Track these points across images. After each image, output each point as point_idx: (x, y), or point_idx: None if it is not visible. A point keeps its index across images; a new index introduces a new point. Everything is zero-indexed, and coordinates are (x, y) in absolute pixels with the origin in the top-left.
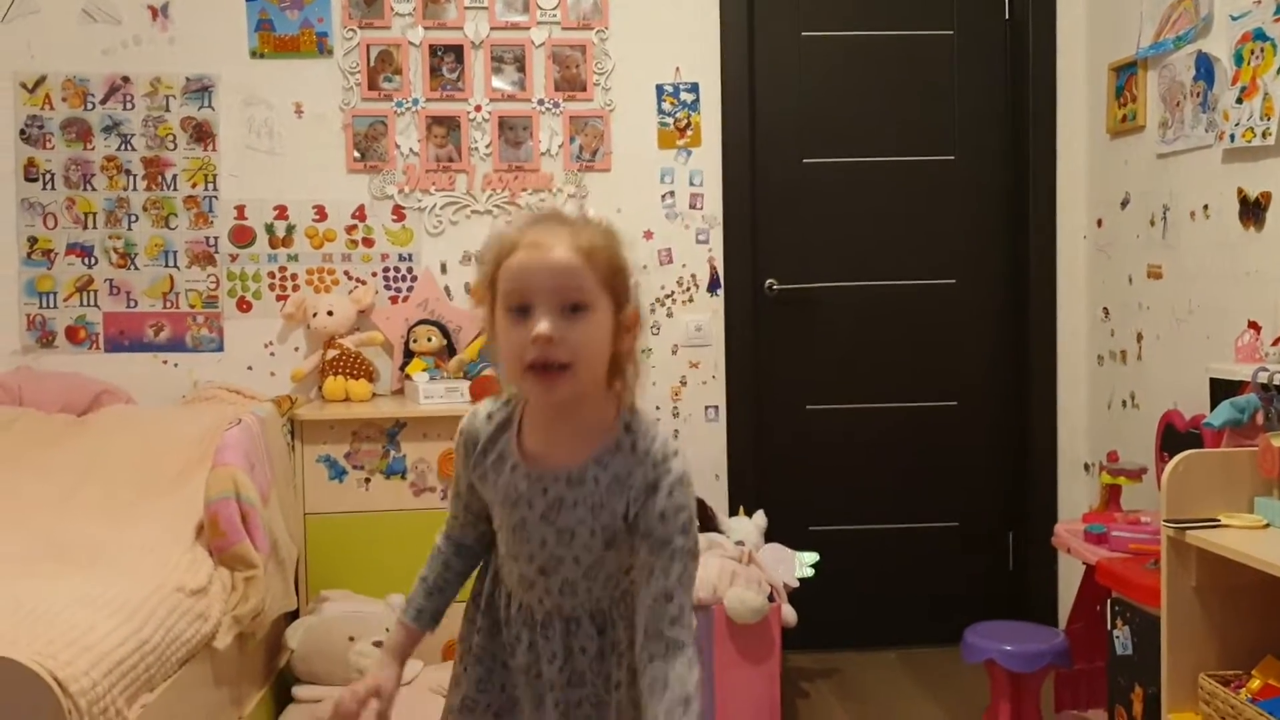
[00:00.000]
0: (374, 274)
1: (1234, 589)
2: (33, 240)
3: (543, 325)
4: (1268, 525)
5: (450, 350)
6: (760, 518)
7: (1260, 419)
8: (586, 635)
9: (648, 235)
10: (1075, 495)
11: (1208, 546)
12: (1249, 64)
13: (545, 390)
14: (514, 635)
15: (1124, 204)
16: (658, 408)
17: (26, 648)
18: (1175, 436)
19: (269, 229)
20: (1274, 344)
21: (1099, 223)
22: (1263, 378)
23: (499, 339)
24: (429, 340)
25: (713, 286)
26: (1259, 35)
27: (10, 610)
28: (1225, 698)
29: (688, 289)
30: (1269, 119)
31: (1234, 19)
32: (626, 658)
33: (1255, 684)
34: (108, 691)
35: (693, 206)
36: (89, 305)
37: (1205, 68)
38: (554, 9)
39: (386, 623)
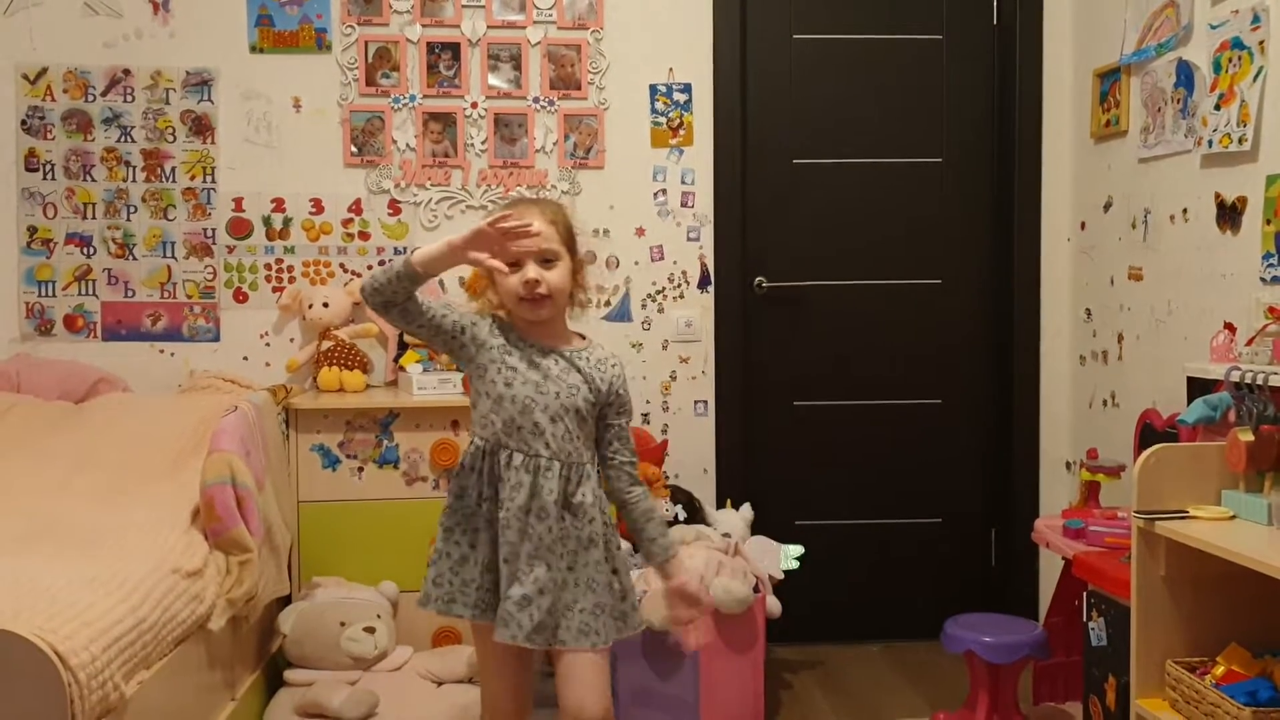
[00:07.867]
0: (369, 267)
1: (1201, 579)
2: (32, 229)
3: (530, 272)
4: (1234, 517)
5: None
6: (747, 510)
7: (1232, 416)
8: (574, 482)
9: (639, 232)
10: (1057, 493)
11: (1176, 537)
12: (1227, 72)
13: (534, 310)
14: (515, 482)
15: (1107, 207)
16: (648, 401)
17: (28, 622)
18: (1153, 435)
19: (266, 221)
20: (1247, 344)
21: (1082, 225)
22: (1235, 376)
23: (499, 285)
24: None
25: (703, 283)
26: (1236, 44)
27: (10, 587)
28: (1190, 683)
29: (678, 285)
30: (1245, 125)
31: (1213, 28)
32: (599, 502)
33: (1219, 670)
34: (106, 666)
35: (684, 204)
36: (87, 294)
37: (1185, 75)
38: (550, 9)
39: (377, 609)
